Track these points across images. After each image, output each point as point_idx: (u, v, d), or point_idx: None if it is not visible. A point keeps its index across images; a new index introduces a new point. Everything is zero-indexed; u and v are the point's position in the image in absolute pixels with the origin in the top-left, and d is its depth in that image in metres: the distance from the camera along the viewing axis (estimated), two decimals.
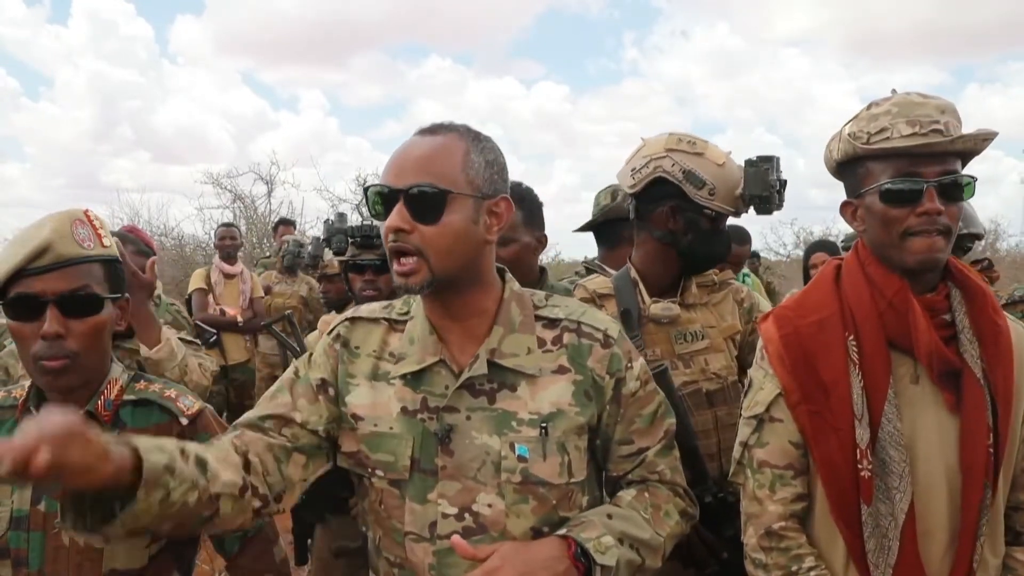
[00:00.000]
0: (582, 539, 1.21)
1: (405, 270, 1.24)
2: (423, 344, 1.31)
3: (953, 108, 1.36)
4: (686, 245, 1.94)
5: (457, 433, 1.27)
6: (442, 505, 1.26)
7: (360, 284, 2.71)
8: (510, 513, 1.26)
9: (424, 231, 1.23)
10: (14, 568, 1.42)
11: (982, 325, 1.40)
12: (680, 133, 1.97)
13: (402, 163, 1.26)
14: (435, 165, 1.24)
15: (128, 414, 1.50)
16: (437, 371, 1.30)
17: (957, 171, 1.37)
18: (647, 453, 1.38)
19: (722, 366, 1.96)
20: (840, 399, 1.39)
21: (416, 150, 1.27)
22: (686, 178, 1.90)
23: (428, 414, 1.29)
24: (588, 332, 1.34)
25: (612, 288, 2.01)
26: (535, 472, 1.26)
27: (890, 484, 1.37)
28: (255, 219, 13.70)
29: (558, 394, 1.30)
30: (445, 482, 1.27)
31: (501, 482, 1.26)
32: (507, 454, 1.26)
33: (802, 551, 1.43)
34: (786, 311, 1.52)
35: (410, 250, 1.23)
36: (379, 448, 1.29)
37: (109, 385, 1.50)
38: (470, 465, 1.26)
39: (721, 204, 1.91)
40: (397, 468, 1.28)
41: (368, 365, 1.34)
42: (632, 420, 1.36)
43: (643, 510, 1.33)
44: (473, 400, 1.29)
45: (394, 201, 1.24)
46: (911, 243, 1.35)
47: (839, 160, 1.45)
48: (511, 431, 1.27)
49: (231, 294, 5.55)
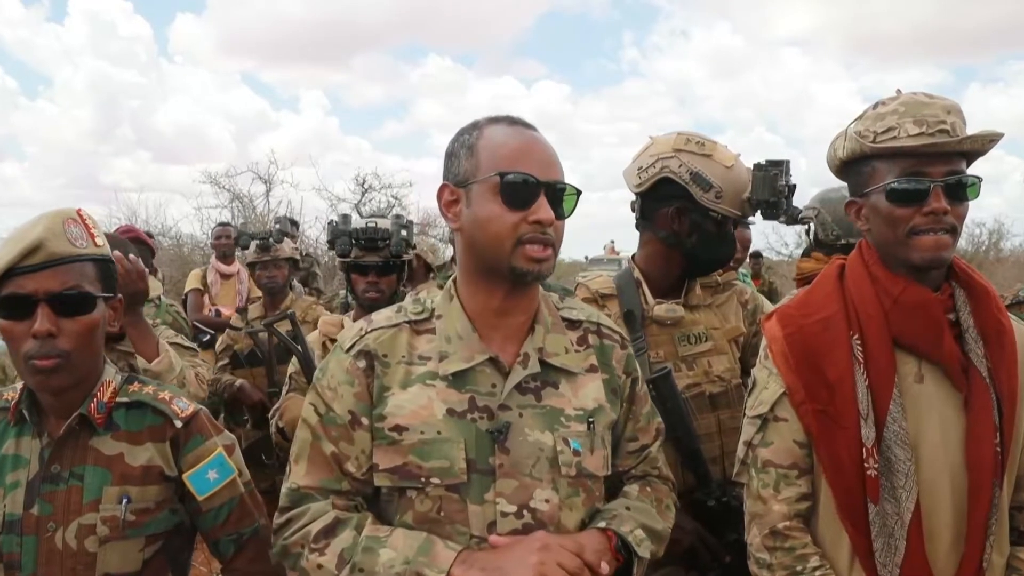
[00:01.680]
0: (623, 532, 1.28)
1: (545, 256, 1.27)
2: (468, 342, 1.31)
3: (959, 108, 1.37)
4: (690, 247, 1.92)
5: (512, 431, 1.28)
6: (500, 504, 1.26)
7: (363, 285, 2.70)
8: (564, 507, 1.29)
9: (558, 225, 1.29)
10: (7, 572, 1.41)
11: (986, 325, 1.41)
12: (689, 133, 1.93)
13: (544, 158, 1.29)
14: (559, 164, 1.32)
15: (121, 416, 1.49)
16: (482, 370, 1.30)
17: (963, 171, 1.37)
18: (649, 449, 1.45)
19: (725, 368, 1.94)
20: (845, 398, 1.39)
21: (548, 148, 1.32)
22: (693, 180, 1.87)
23: (479, 413, 1.28)
24: (608, 334, 1.42)
25: (615, 288, 1.99)
26: (587, 465, 1.31)
27: (896, 483, 1.37)
28: (253, 219, 13.67)
29: (596, 391, 1.36)
30: (502, 480, 1.27)
31: (557, 477, 1.28)
32: (563, 448, 1.29)
33: (807, 551, 1.43)
34: (790, 310, 1.52)
35: (551, 241, 1.28)
36: (431, 455, 1.26)
37: (102, 387, 1.48)
38: (525, 462, 1.27)
39: (728, 208, 1.89)
40: (455, 472, 1.26)
41: (400, 372, 1.31)
42: (637, 418, 1.44)
43: (650, 503, 1.40)
44: (522, 398, 1.30)
45: (536, 194, 1.26)
46: (917, 242, 1.35)
47: (845, 158, 1.45)
48: (561, 427, 1.30)
49: (228, 294, 5.53)
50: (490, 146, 1.29)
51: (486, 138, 1.30)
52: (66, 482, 1.43)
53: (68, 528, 1.41)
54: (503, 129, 1.31)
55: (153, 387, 1.55)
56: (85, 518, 1.41)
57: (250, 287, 5.64)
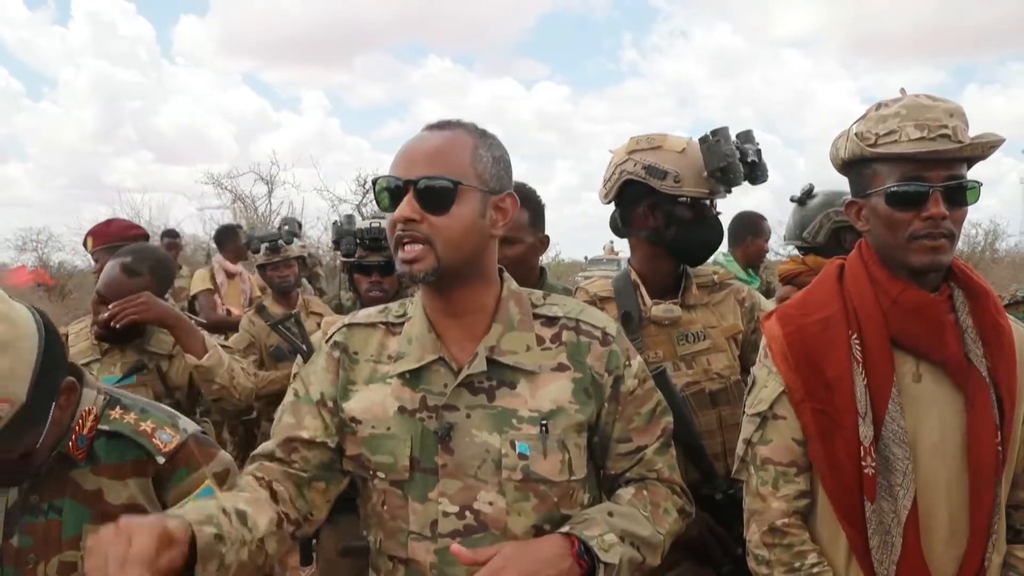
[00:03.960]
0: (585, 537, 1.20)
1: (411, 256, 1.24)
2: (422, 342, 1.32)
3: (961, 111, 1.37)
4: (671, 238, 1.95)
5: (457, 431, 1.27)
6: (443, 504, 1.26)
7: (366, 285, 2.74)
8: (511, 511, 1.26)
9: (434, 221, 1.24)
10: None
11: (985, 325, 1.41)
12: (640, 135, 1.99)
13: (412, 156, 1.27)
14: (445, 158, 1.26)
15: (102, 447, 1.43)
16: (436, 369, 1.30)
17: (963, 176, 1.38)
18: (645, 451, 1.38)
19: (724, 366, 1.96)
20: (844, 396, 1.41)
21: (425, 143, 1.28)
22: (648, 173, 1.92)
23: (427, 413, 1.29)
24: (587, 330, 1.35)
25: (612, 291, 2.01)
26: (536, 470, 1.26)
27: (893, 482, 1.38)
28: (255, 219, 13.69)
29: (558, 391, 1.30)
30: (445, 480, 1.27)
31: (502, 480, 1.26)
32: (508, 452, 1.26)
33: (805, 548, 1.44)
34: (789, 309, 1.53)
35: (419, 238, 1.24)
36: (379, 450, 1.30)
37: (82, 417, 1.41)
38: (470, 463, 1.26)
39: (692, 189, 1.91)
40: (397, 469, 1.28)
41: (367, 370, 1.35)
42: (631, 418, 1.36)
43: (642, 508, 1.33)
44: (472, 398, 1.29)
45: (402, 193, 1.25)
46: (915, 246, 1.36)
47: (845, 159, 1.45)
48: (511, 429, 1.27)
49: (233, 294, 5.56)
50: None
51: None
52: (45, 514, 1.39)
53: (49, 563, 1.38)
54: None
55: (135, 415, 1.47)
56: (66, 555, 1.38)
57: (251, 286, 5.66)
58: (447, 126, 1.31)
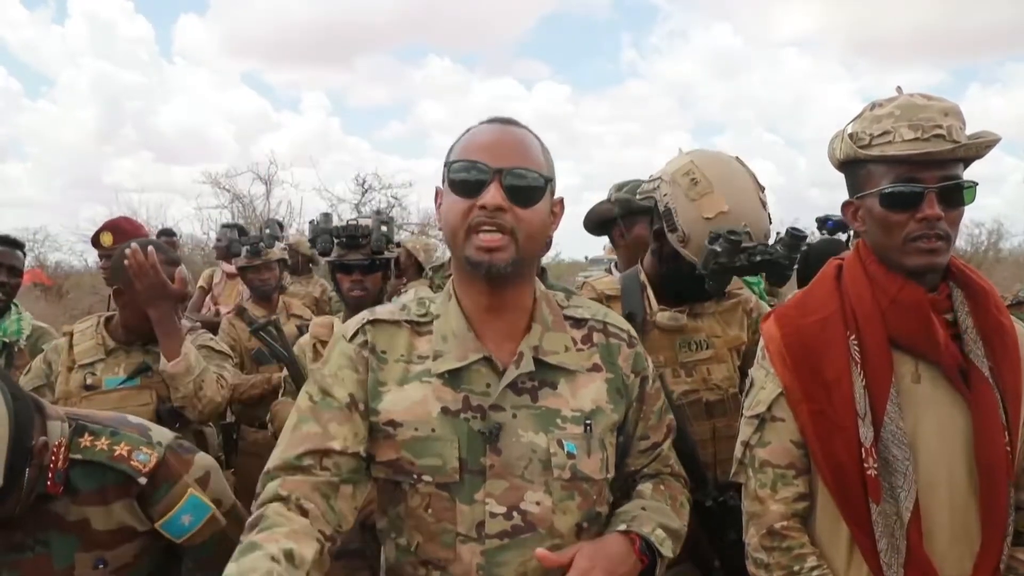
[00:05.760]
0: (645, 533, 1.26)
1: (493, 244, 1.22)
2: (462, 341, 1.29)
3: (957, 110, 1.35)
4: (663, 272, 1.93)
5: (504, 432, 1.26)
6: (489, 504, 1.25)
7: (348, 284, 2.71)
8: (557, 510, 1.27)
9: (519, 213, 1.24)
10: None
11: (986, 324, 1.40)
12: (695, 166, 1.84)
13: (499, 147, 1.26)
14: (531, 153, 1.28)
15: (79, 476, 1.42)
16: (477, 369, 1.29)
17: (959, 176, 1.36)
18: (661, 447, 1.43)
19: (724, 377, 1.94)
20: (842, 398, 1.40)
21: (510, 136, 1.29)
22: (664, 216, 1.87)
23: (472, 413, 1.27)
24: (614, 332, 1.39)
25: (619, 290, 1.99)
26: (582, 468, 1.28)
27: (895, 483, 1.37)
28: (253, 219, 13.69)
29: (596, 392, 1.32)
30: (492, 481, 1.26)
31: (550, 479, 1.26)
32: (556, 451, 1.27)
33: (804, 550, 1.43)
34: (787, 310, 1.52)
35: (504, 227, 1.23)
36: (424, 452, 1.26)
37: (53, 454, 1.38)
38: (517, 463, 1.26)
39: (693, 255, 1.83)
40: (446, 471, 1.25)
41: (398, 370, 1.30)
42: (648, 417, 1.41)
43: (665, 502, 1.38)
44: (517, 398, 1.28)
45: (485, 182, 1.23)
46: (911, 248, 1.35)
47: (841, 159, 1.45)
48: (557, 428, 1.28)
49: (230, 293, 5.57)
50: (460, 142, 1.30)
51: (463, 137, 1.31)
52: (32, 549, 1.39)
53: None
54: (478, 126, 1.32)
55: (107, 439, 1.45)
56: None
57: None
58: (516, 124, 1.32)
